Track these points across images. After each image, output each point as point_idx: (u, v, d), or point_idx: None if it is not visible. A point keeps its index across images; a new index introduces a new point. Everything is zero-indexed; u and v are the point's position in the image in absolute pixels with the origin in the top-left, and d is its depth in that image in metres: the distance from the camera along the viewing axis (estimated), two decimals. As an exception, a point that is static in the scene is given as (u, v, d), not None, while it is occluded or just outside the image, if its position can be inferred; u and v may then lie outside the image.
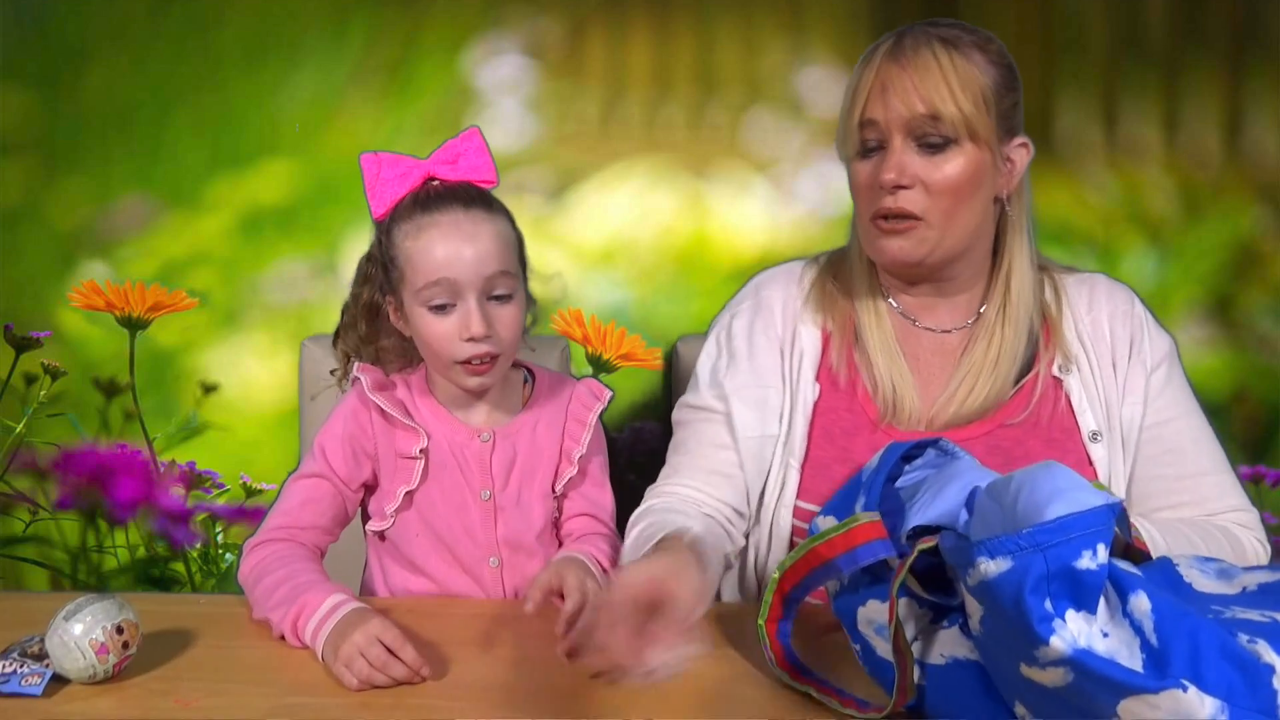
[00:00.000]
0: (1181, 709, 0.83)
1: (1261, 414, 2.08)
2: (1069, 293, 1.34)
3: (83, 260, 2.05)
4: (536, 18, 2.04)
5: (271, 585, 1.20)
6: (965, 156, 1.22)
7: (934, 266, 1.28)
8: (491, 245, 1.24)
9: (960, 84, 1.21)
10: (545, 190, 2.05)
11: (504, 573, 1.32)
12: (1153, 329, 1.34)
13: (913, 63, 1.21)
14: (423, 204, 1.26)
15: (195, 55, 2.03)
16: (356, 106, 2.03)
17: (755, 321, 1.37)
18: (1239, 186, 2.05)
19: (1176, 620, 0.87)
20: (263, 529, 1.29)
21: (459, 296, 1.24)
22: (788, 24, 2.00)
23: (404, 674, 1.08)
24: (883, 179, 1.22)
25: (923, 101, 1.21)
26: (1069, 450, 1.29)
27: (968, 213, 1.25)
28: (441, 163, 1.27)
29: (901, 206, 1.23)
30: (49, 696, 1.05)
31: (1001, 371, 1.30)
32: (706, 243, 2.05)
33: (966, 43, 1.23)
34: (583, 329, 1.91)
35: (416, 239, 1.24)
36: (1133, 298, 1.36)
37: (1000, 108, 1.24)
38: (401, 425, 1.30)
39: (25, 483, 1.99)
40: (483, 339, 1.24)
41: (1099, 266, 2.05)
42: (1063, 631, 0.85)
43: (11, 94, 2.04)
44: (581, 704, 1.04)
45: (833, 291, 1.36)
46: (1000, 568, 0.87)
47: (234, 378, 2.05)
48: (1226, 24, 2.03)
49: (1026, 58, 2.15)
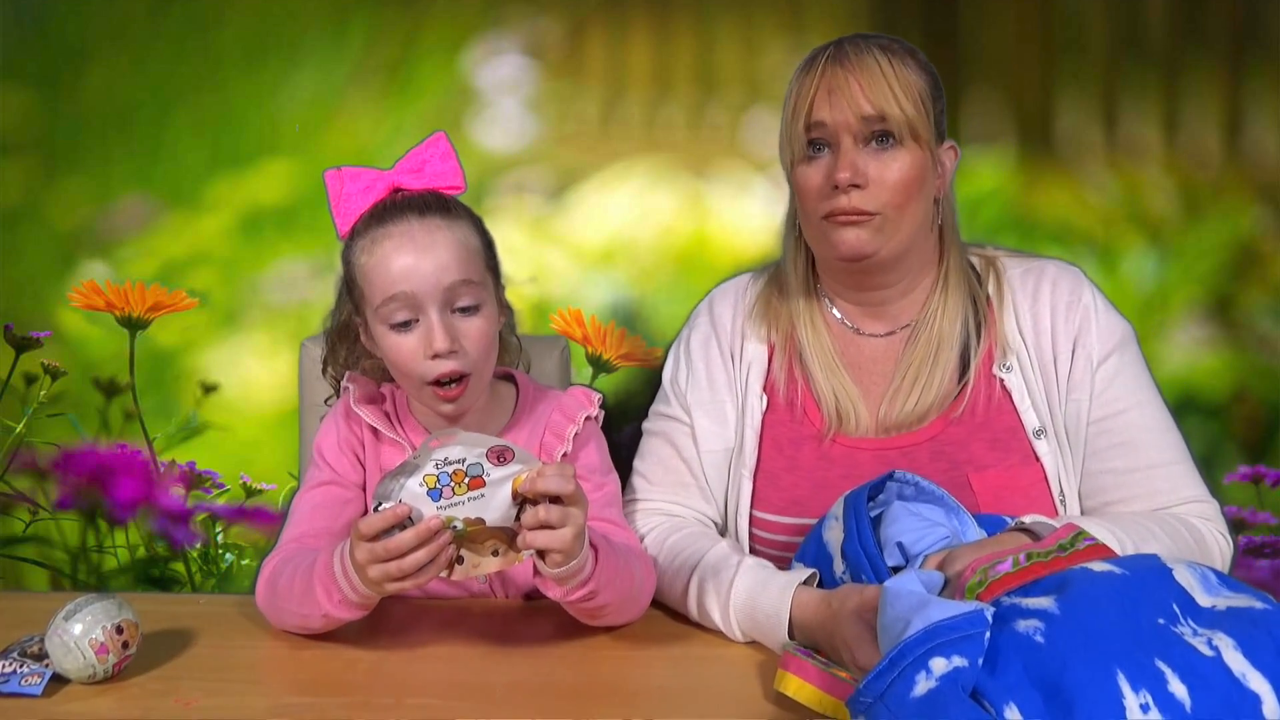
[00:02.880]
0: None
1: (1261, 414, 2.07)
2: (1013, 284, 1.35)
3: (83, 260, 2.05)
4: (536, 18, 2.04)
5: (289, 580, 1.18)
6: (911, 155, 1.26)
7: (884, 262, 1.30)
8: (450, 254, 1.18)
9: (902, 87, 1.25)
10: (545, 190, 2.05)
11: (493, 585, 1.31)
12: (1103, 317, 1.32)
13: (857, 67, 1.26)
14: (378, 217, 1.20)
15: (195, 55, 2.03)
16: (356, 106, 2.03)
17: (710, 337, 1.41)
18: (1239, 186, 2.05)
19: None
20: (280, 544, 1.25)
21: (419, 311, 1.18)
22: (788, 24, 2.00)
23: (414, 537, 1.05)
24: (838, 178, 1.25)
25: (870, 103, 1.25)
26: (1013, 449, 1.30)
27: (915, 210, 1.28)
28: (406, 172, 1.23)
29: (856, 205, 1.26)
30: (49, 696, 1.05)
31: (941, 365, 1.31)
32: (706, 243, 2.04)
33: (900, 50, 1.29)
34: (583, 329, 1.91)
35: (371, 254, 1.19)
36: (1081, 284, 1.34)
37: (934, 112, 1.28)
38: (388, 440, 1.28)
39: (25, 483, 1.99)
40: (448, 354, 1.17)
41: (1099, 266, 2.06)
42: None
43: (11, 94, 2.04)
44: (582, 704, 1.04)
45: (776, 304, 1.39)
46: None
47: (234, 378, 2.05)
48: (1226, 24, 2.03)
49: (1026, 58, 2.15)
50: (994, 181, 2.08)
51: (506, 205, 2.03)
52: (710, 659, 1.15)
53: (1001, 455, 1.29)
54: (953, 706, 0.82)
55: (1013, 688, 0.85)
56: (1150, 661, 0.86)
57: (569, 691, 1.07)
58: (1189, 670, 0.86)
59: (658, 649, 1.17)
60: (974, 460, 1.29)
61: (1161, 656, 0.87)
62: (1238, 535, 1.96)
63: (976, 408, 1.31)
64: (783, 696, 1.04)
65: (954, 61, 2.06)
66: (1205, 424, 2.08)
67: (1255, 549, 1.97)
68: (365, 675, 1.10)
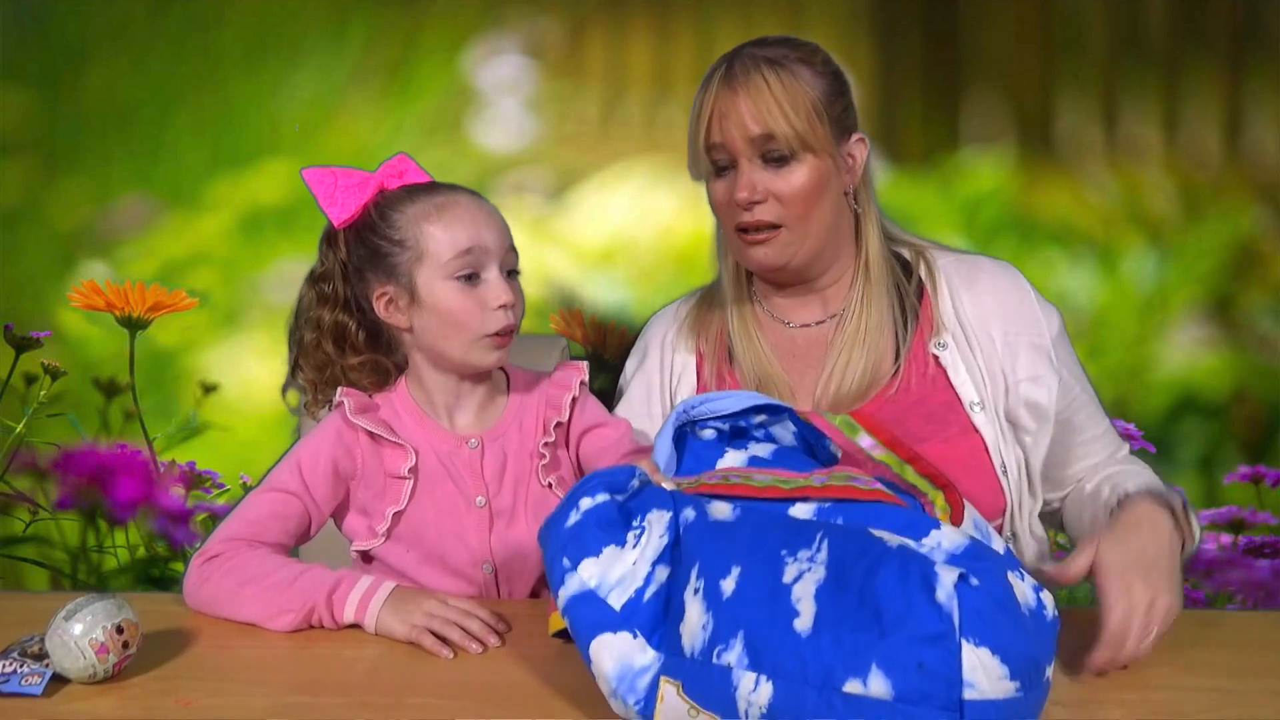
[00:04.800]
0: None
1: (1261, 414, 2.08)
2: (946, 271, 1.40)
3: (83, 260, 2.05)
4: (536, 18, 2.04)
5: (278, 579, 1.20)
6: (806, 166, 1.31)
7: (800, 268, 1.36)
8: (504, 222, 1.29)
9: (790, 103, 1.29)
10: (545, 190, 2.05)
11: (498, 579, 1.31)
12: (1044, 307, 1.39)
13: (744, 87, 1.30)
14: (424, 190, 1.28)
15: (195, 55, 2.03)
16: (356, 106, 2.04)
17: (641, 364, 1.46)
18: (1239, 186, 2.05)
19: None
20: (221, 536, 1.26)
21: (484, 268, 1.26)
22: (788, 24, 2.00)
23: (480, 629, 1.15)
24: (737, 198, 1.32)
25: (757, 123, 1.29)
26: (950, 421, 1.34)
27: (820, 214, 1.33)
28: (389, 177, 1.30)
29: (759, 219, 1.32)
30: (49, 696, 1.05)
31: (871, 345, 1.36)
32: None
33: (793, 59, 1.32)
34: (583, 329, 1.91)
35: (440, 216, 1.26)
36: (1018, 277, 1.41)
37: (832, 114, 1.32)
38: (389, 444, 1.29)
39: (25, 483, 1.99)
40: (511, 307, 1.26)
41: (1099, 266, 2.06)
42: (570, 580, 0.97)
43: (11, 94, 2.04)
44: (582, 704, 1.04)
45: (706, 314, 1.44)
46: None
47: (234, 378, 2.05)
48: (1226, 24, 2.03)
49: (1026, 58, 2.15)
50: (994, 181, 2.08)
51: (506, 205, 2.02)
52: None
53: (939, 428, 1.34)
54: (587, 532, 0.97)
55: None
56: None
57: (569, 691, 1.07)
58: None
59: (658, 649, 1.17)
60: (912, 434, 1.31)
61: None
62: (1237, 535, 1.97)
63: (911, 384, 1.36)
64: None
65: (954, 61, 2.07)
66: (1205, 424, 2.09)
67: (1255, 549, 1.96)
68: (365, 675, 1.11)
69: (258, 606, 1.20)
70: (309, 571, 1.21)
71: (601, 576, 0.96)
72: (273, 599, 1.19)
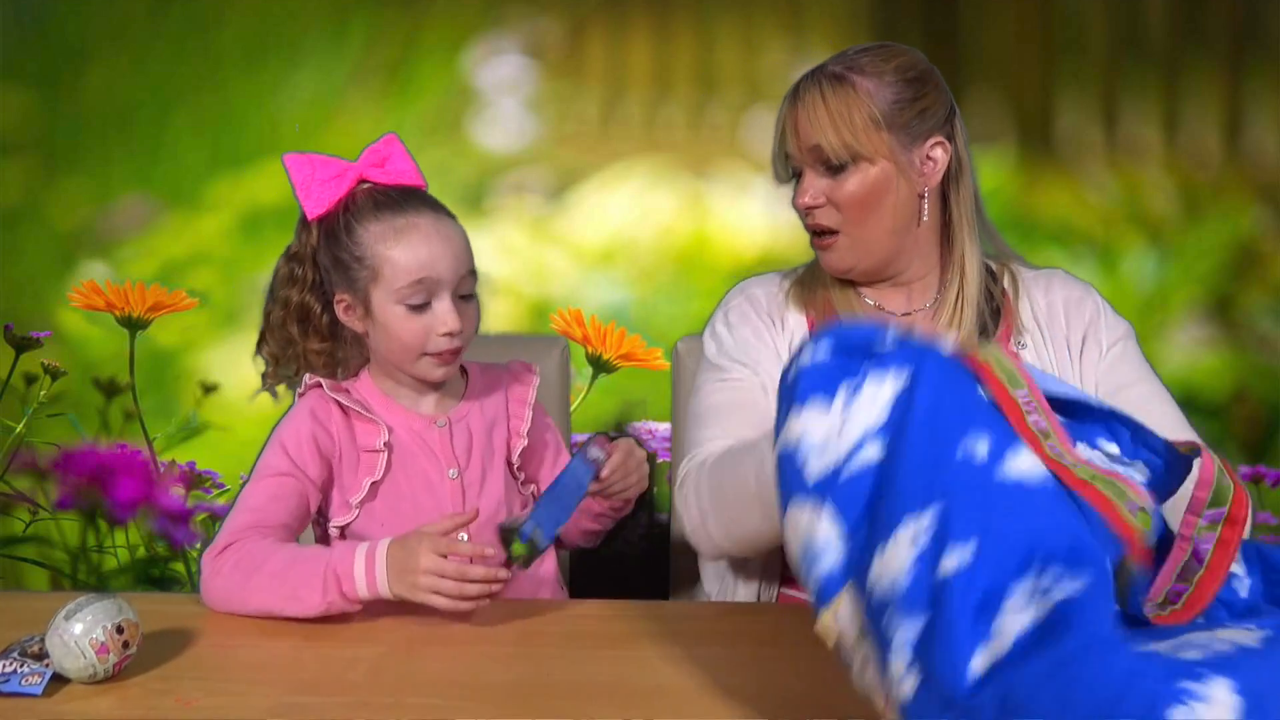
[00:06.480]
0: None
1: (1261, 414, 2.08)
2: (1026, 281, 1.45)
3: (83, 260, 2.05)
4: (536, 18, 2.04)
5: (282, 566, 1.20)
6: (861, 174, 1.35)
7: (870, 270, 1.40)
8: (461, 247, 1.30)
9: (840, 115, 1.34)
10: (545, 190, 2.05)
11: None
12: (1110, 315, 1.43)
13: (802, 102, 1.37)
14: (389, 206, 1.29)
15: (195, 55, 2.03)
16: (356, 106, 2.04)
17: (748, 311, 1.47)
18: (1239, 186, 2.05)
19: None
20: (228, 529, 1.26)
21: (435, 295, 1.28)
22: (788, 24, 2.00)
23: (478, 589, 1.16)
24: (798, 202, 1.38)
25: (807, 135, 1.36)
26: None
27: (879, 219, 1.37)
28: (371, 165, 1.31)
29: (819, 223, 1.38)
30: (49, 696, 1.05)
31: (963, 339, 1.40)
32: (706, 243, 2.05)
33: (858, 71, 1.35)
34: (583, 329, 1.91)
35: (397, 240, 1.28)
36: (1089, 288, 1.46)
37: (899, 122, 1.35)
38: (362, 420, 1.33)
39: (25, 483, 1.99)
40: (457, 334, 1.29)
41: (1099, 266, 2.06)
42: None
43: (11, 94, 2.04)
44: (582, 704, 1.04)
45: (811, 289, 1.47)
46: None
47: (234, 378, 2.05)
48: (1226, 24, 2.03)
49: (1026, 58, 2.15)
50: (994, 181, 2.08)
51: (506, 205, 2.04)
52: (710, 659, 1.15)
53: None
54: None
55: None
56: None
57: (569, 691, 1.07)
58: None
59: (658, 649, 1.17)
60: None
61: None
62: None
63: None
64: (785, 695, 1.05)
65: (954, 61, 2.07)
66: (1205, 424, 2.09)
67: (1255, 549, 1.96)
68: (365, 675, 1.11)
69: (276, 591, 1.21)
70: (313, 552, 1.23)
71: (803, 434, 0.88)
72: (284, 581, 1.20)
